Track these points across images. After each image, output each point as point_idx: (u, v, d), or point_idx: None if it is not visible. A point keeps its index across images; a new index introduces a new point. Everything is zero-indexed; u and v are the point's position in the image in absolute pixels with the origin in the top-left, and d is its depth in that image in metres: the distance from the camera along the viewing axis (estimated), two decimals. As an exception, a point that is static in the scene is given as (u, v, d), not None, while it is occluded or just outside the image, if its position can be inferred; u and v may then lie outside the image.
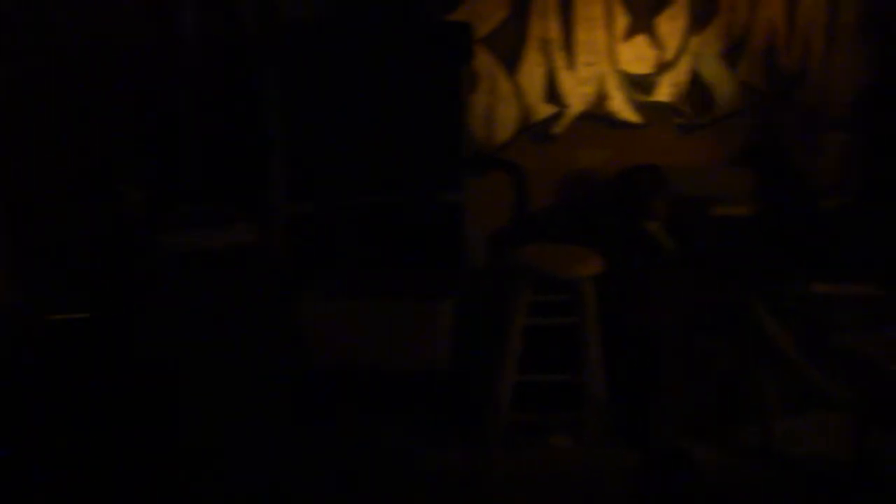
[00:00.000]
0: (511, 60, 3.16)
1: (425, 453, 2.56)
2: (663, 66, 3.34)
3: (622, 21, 3.29)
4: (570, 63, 3.21)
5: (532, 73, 3.18)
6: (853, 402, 2.43)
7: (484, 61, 3.12)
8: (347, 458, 2.57)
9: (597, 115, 3.28)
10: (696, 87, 3.41)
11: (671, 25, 3.32)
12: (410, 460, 2.55)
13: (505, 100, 3.15)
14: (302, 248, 2.90)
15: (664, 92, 3.35)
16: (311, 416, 2.71)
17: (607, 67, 3.29)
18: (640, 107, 3.33)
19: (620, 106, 3.31)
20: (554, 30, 3.18)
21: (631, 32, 3.30)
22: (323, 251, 2.97)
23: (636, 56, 3.31)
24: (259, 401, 2.47)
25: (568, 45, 3.21)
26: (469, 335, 2.78)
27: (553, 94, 3.22)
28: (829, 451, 2.55)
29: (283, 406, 2.56)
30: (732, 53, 3.43)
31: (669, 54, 3.34)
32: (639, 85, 3.34)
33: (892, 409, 2.26)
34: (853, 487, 2.33)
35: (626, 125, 3.32)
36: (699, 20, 3.38)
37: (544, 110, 3.21)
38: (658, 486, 2.40)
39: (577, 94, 3.24)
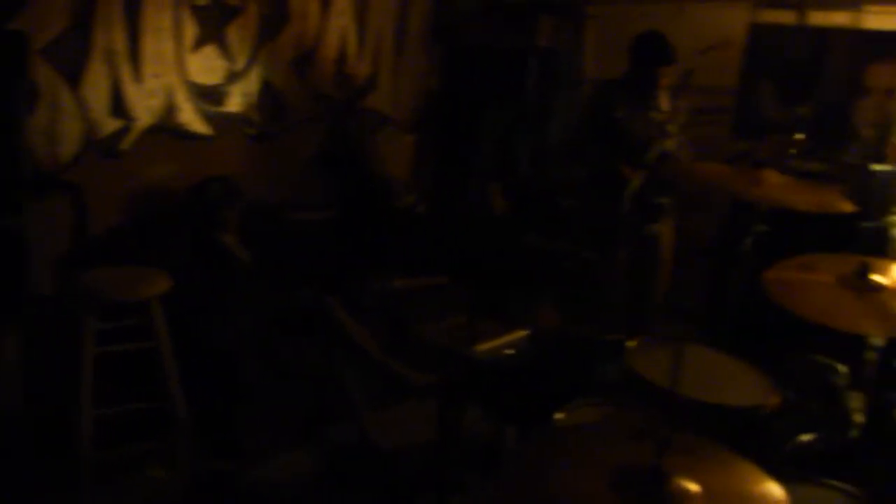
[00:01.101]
0: (74, 73, 3.77)
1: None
2: (233, 76, 4.24)
3: (191, 31, 4.06)
4: (137, 75, 3.96)
5: (96, 86, 3.84)
6: (434, 388, 3.23)
7: (44, 74, 3.68)
8: None
9: (166, 127, 4.09)
10: (268, 96, 4.40)
11: (241, 35, 4.23)
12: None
13: (68, 115, 3.79)
14: None
15: (235, 102, 4.29)
16: None
17: (176, 79, 4.08)
18: (210, 118, 4.22)
19: (190, 118, 4.16)
20: (119, 40, 3.87)
21: (200, 42, 4.12)
22: None
23: (205, 66, 4.15)
24: None
25: (134, 55, 3.93)
26: (42, 370, 3.35)
27: (119, 107, 3.94)
28: (420, 437, 3.04)
29: None
30: (303, 62, 4.48)
31: (239, 64, 4.26)
32: (209, 95, 4.19)
33: (468, 390, 2.98)
34: (440, 465, 2.93)
35: (197, 137, 4.20)
36: (269, 29, 4.32)
37: (111, 125, 3.93)
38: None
39: (144, 107, 4.00)
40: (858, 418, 3.27)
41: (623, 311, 3.99)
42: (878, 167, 4.14)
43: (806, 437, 2.70)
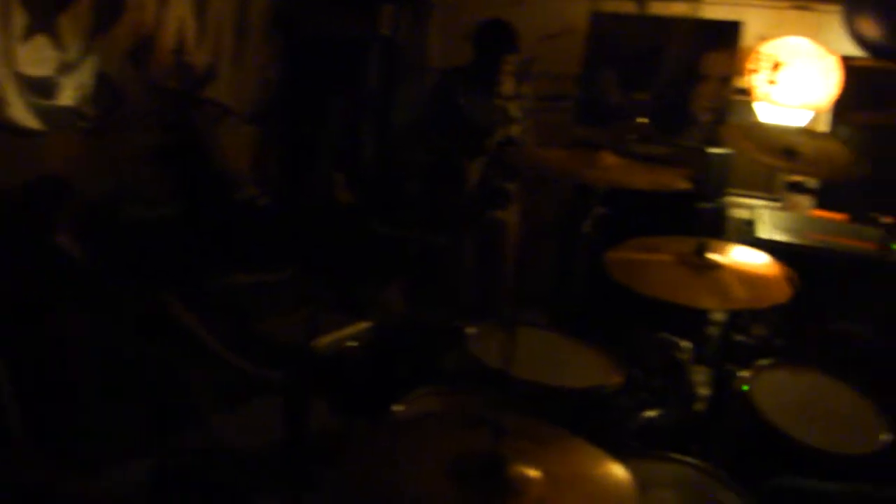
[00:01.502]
0: None
1: None
2: (66, 68, 4.00)
3: (20, 20, 3.80)
4: (-46, 67, 3.57)
5: None
6: (281, 383, 3.11)
7: None
8: None
9: (-5, 123, 3.72)
10: (103, 88, 4.17)
11: (74, 25, 3.98)
12: None
13: None
14: None
15: (68, 95, 4.03)
16: None
17: (4, 71, 3.80)
18: (41, 111, 3.97)
19: (19, 112, 3.90)
20: (-62, 29, 3.46)
21: (30, 32, 3.86)
22: None
23: (36, 58, 3.88)
24: None
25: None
26: None
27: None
28: (269, 436, 2.93)
29: None
30: (140, 52, 4.26)
31: (72, 55, 4.02)
32: (39, 88, 3.94)
33: (312, 384, 2.78)
34: (290, 463, 2.81)
35: (27, 132, 3.93)
36: (104, 19, 4.09)
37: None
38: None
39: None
40: (703, 391, 3.35)
41: (471, 297, 3.97)
42: (714, 150, 4.25)
43: (651, 413, 2.73)
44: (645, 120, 3.92)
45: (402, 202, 4.31)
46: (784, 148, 3.07)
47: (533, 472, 1.54)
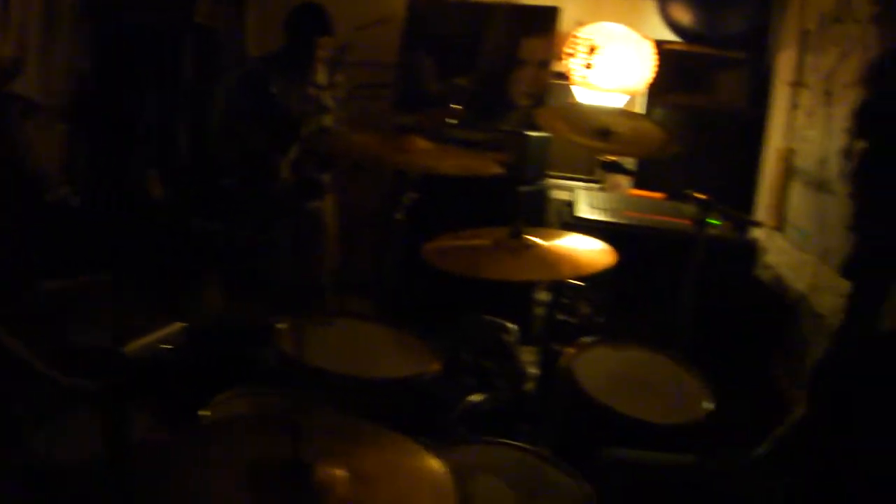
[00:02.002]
0: None
1: None
2: None
3: None
4: None
5: None
6: (94, 393, 2.83)
7: None
8: None
9: None
10: None
11: None
12: None
13: None
14: None
15: None
16: None
17: None
18: None
19: None
20: None
21: None
22: None
23: None
24: None
25: None
26: None
27: None
28: (91, 449, 2.80)
29: None
30: None
31: None
32: None
33: (126, 392, 2.63)
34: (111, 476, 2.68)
35: None
36: None
37: None
38: None
39: None
40: (532, 371, 3.34)
41: (291, 291, 3.82)
42: (532, 134, 4.25)
43: (477, 398, 2.66)
44: (459, 106, 3.86)
45: (219, 197, 4.10)
46: (598, 129, 3.08)
47: (339, 473, 1.42)
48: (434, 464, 1.52)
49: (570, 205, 3.89)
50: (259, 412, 2.02)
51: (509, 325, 3.29)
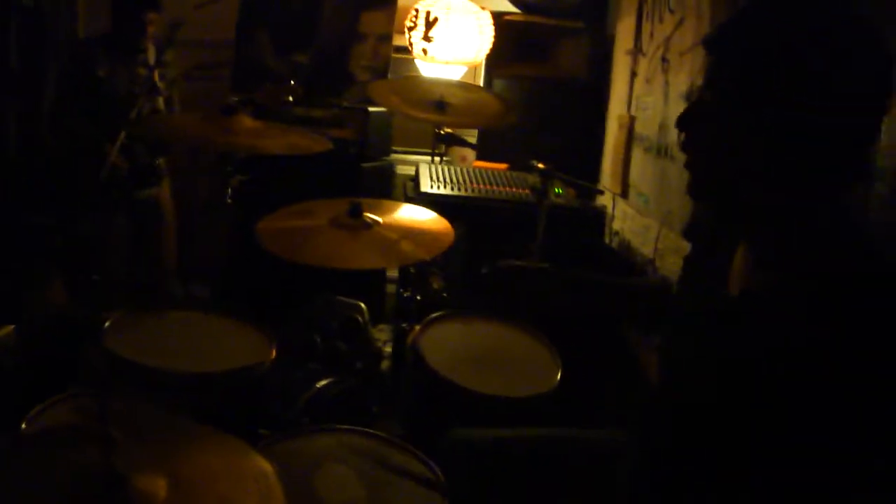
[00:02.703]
0: None
1: None
2: None
3: None
4: None
5: None
6: None
7: None
8: None
9: None
10: None
11: None
12: None
13: None
14: None
15: None
16: None
17: None
18: None
19: None
20: None
21: None
22: None
23: None
24: None
25: None
26: None
27: None
28: None
29: None
30: None
31: None
32: None
33: None
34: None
35: None
36: None
37: None
38: None
39: None
40: (386, 349, 3.29)
41: (130, 283, 3.64)
42: (373, 109, 4.17)
43: (323, 383, 2.57)
44: (293, 82, 3.73)
45: (49, 190, 3.85)
46: (433, 101, 3.02)
47: (157, 482, 1.30)
48: (260, 463, 1.42)
49: (414, 179, 3.83)
50: (77, 420, 1.86)
51: (360, 303, 3.21)
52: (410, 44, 4.39)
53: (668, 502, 1.53)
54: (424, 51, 4.29)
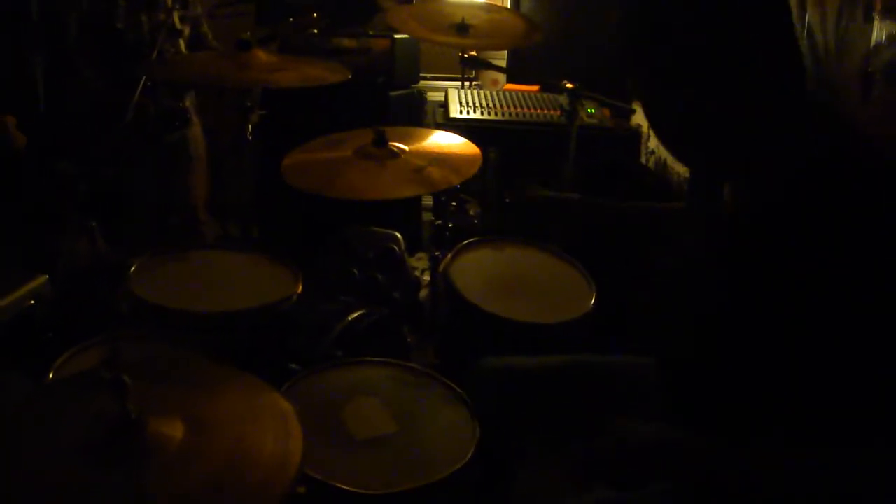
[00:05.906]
0: None
1: None
2: None
3: None
4: None
5: None
6: None
7: None
8: None
9: None
10: None
11: None
12: None
13: None
14: None
15: None
16: None
17: None
18: None
19: None
20: None
21: None
22: None
23: None
24: None
25: None
26: None
27: None
28: None
29: None
30: None
31: None
32: None
33: None
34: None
35: None
36: None
37: None
38: None
39: None
40: (425, 277, 3.25)
41: (161, 227, 3.62)
42: (399, 36, 4.05)
43: (356, 314, 2.54)
44: (315, 14, 3.63)
45: (79, 139, 3.82)
46: (455, 25, 2.92)
47: (173, 424, 1.28)
48: (280, 402, 1.39)
49: (444, 106, 3.74)
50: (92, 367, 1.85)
51: (396, 233, 3.17)
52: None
53: (693, 420, 1.48)
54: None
